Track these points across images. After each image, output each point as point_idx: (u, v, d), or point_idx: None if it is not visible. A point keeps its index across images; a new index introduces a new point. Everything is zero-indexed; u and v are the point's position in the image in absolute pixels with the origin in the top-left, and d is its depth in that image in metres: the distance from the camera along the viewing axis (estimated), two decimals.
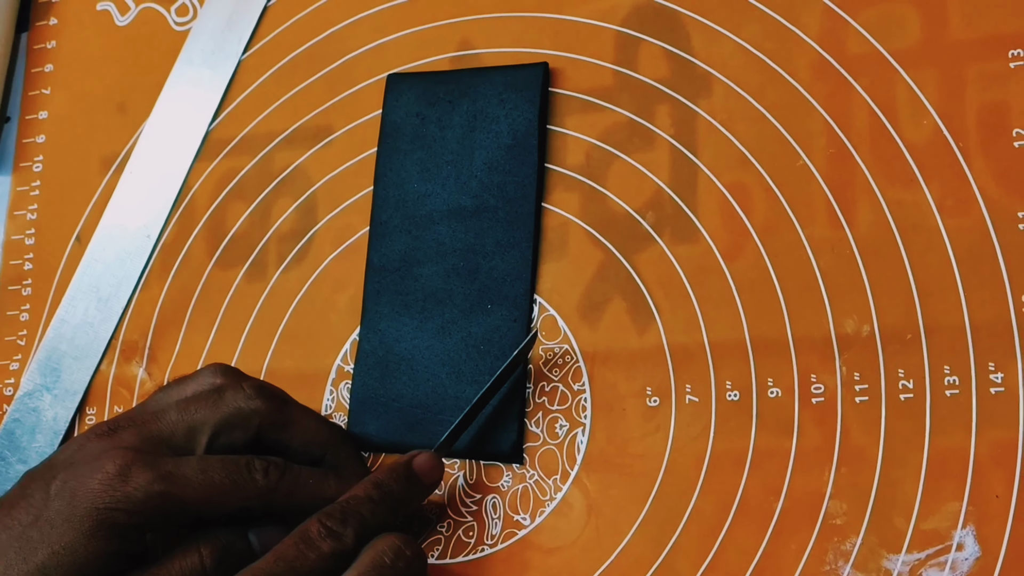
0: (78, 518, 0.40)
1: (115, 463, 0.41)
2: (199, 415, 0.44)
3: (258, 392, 0.45)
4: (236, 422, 0.44)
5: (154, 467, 0.41)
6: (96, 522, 0.39)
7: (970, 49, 0.44)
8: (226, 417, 0.44)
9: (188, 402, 0.44)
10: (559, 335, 0.47)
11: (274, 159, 0.54)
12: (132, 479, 0.40)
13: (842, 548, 0.41)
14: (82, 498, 0.40)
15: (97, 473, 0.40)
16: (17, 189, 0.58)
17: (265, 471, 0.43)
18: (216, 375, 0.46)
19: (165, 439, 0.43)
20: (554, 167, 0.49)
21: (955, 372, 0.41)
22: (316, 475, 0.44)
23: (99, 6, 0.60)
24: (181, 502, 0.41)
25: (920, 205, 0.43)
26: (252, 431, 0.44)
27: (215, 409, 0.44)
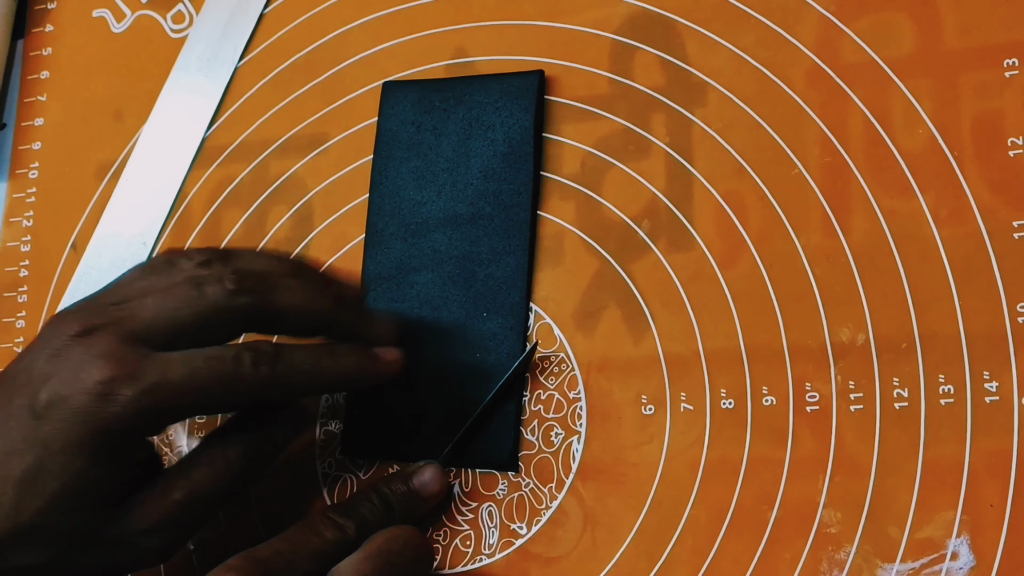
0: (76, 444, 0.39)
1: (97, 378, 0.39)
2: (179, 313, 0.41)
3: (241, 284, 0.42)
4: (217, 322, 0.42)
5: (138, 380, 0.39)
6: (94, 445, 0.39)
7: (965, 58, 0.44)
8: (207, 317, 0.41)
9: (166, 294, 0.41)
10: (555, 343, 0.47)
11: (270, 166, 0.54)
12: (118, 396, 0.39)
13: (836, 557, 0.41)
14: (72, 421, 0.39)
15: (81, 392, 0.39)
16: (13, 196, 0.58)
17: (255, 363, 0.41)
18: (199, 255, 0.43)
19: (144, 338, 0.41)
20: (550, 175, 0.49)
21: (950, 381, 0.41)
22: (310, 355, 0.43)
23: (95, 13, 0.60)
24: (171, 410, 0.40)
25: (915, 214, 0.43)
26: (236, 330, 0.42)
27: (195, 306, 0.41)
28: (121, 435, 0.39)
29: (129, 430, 0.39)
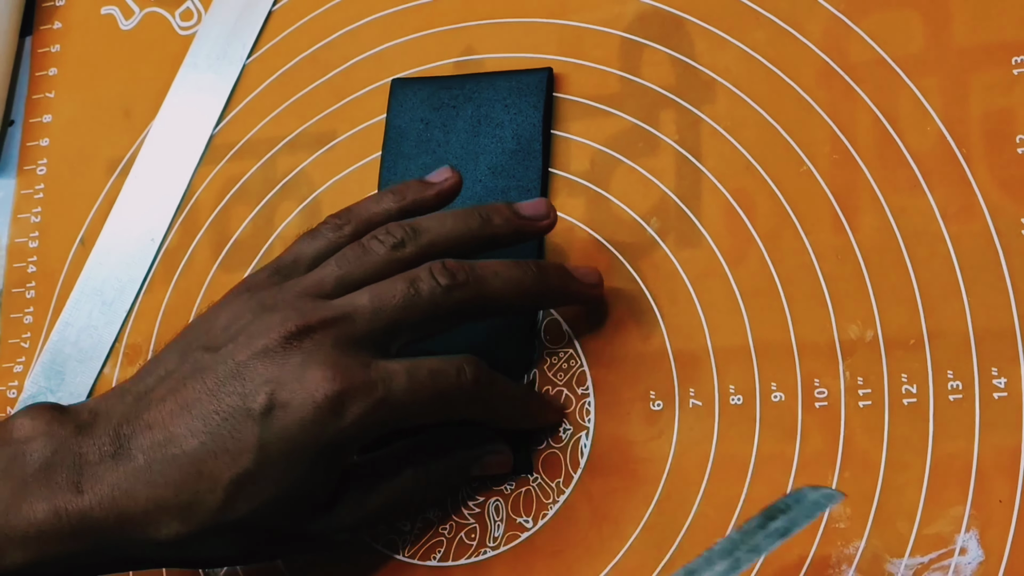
0: (299, 453, 0.39)
1: (327, 392, 0.39)
2: (399, 316, 0.41)
3: (453, 280, 0.41)
4: (435, 320, 0.42)
5: (366, 395, 0.39)
6: (319, 455, 0.39)
7: (974, 56, 0.44)
8: (426, 317, 0.41)
9: (382, 292, 0.41)
10: (563, 339, 0.47)
11: (278, 163, 0.54)
12: (348, 412, 0.39)
13: (845, 552, 0.41)
14: (298, 431, 0.39)
15: (309, 404, 0.39)
16: (21, 192, 0.58)
17: (476, 380, 0.42)
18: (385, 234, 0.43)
19: (363, 341, 0.40)
20: (558, 172, 0.49)
21: (958, 377, 0.41)
22: (521, 388, 0.45)
23: (103, 10, 0.60)
24: (394, 424, 0.41)
25: (924, 211, 0.43)
26: (451, 326, 0.42)
27: (411, 308, 0.41)
28: (345, 448, 0.40)
29: (353, 442, 0.40)
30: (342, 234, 0.44)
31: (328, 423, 0.39)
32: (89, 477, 0.39)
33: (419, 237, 0.43)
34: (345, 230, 0.44)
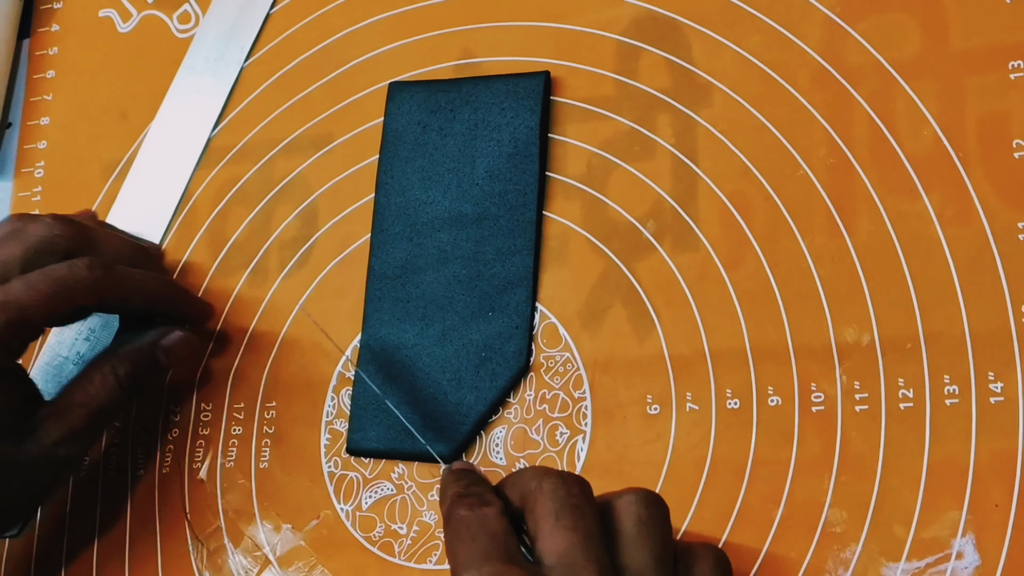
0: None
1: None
2: (6, 251, 0.45)
3: (58, 219, 0.47)
4: (44, 249, 0.46)
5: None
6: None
7: (970, 60, 0.44)
8: (33, 246, 0.45)
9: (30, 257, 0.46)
10: (560, 343, 0.47)
11: (275, 166, 0.54)
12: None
13: (842, 556, 0.41)
14: None
15: None
16: (18, 195, 0.58)
17: (89, 266, 0.45)
18: (10, 220, 0.47)
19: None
20: (555, 175, 0.49)
21: (955, 381, 0.41)
22: (141, 273, 0.47)
23: (101, 13, 0.60)
24: (24, 320, 0.43)
25: (920, 215, 0.43)
26: (60, 255, 0.46)
27: (20, 243, 0.46)
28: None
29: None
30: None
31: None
32: None
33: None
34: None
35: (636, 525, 0.37)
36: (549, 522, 0.36)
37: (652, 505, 0.38)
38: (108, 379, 0.46)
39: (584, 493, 0.38)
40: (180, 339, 0.49)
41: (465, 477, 0.41)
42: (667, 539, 0.38)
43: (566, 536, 0.36)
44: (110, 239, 0.49)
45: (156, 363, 0.48)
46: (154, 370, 0.48)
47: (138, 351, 0.48)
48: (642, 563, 0.37)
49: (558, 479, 0.38)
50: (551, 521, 0.36)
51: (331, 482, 0.48)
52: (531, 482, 0.38)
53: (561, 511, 0.37)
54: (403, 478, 0.47)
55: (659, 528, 0.38)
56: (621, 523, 0.37)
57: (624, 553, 0.37)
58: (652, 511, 0.38)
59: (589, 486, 0.38)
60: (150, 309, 0.48)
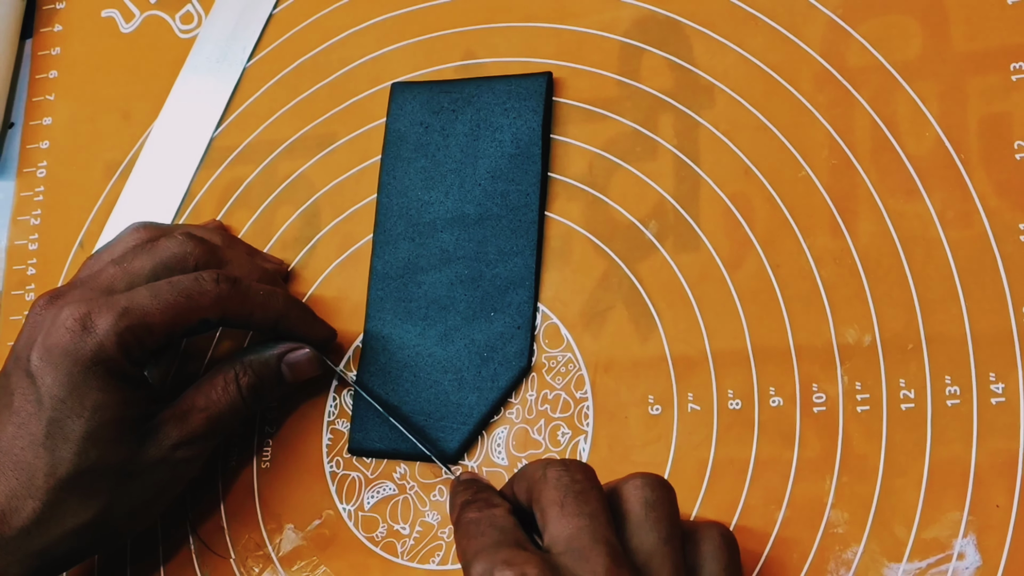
0: (78, 381, 0.42)
1: (72, 318, 0.43)
2: (136, 263, 0.46)
3: (190, 237, 0.47)
4: (173, 264, 0.46)
5: (110, 307, 0.43)
6: (94, 373, 0.42)
7: (972, 62, 0.44)
8: (163, 261, 0.46)
9: (123, 256, 0.46)
10: (562, 343, 0.47)
11: (278, 167, 0.54)
12: (98, 325, 0.42)
13: (843, 556, 0.41)
14: (64, 363, 0.42)
15: (62, 333, 0.42)
16: (21, 194, 0.58)
17: (215, 280, 0.45)
18: (141, 230, 0.48)
19: (107, 290, 0.45)
20: (557, 176, 0.49)
21: (956, 382, 0.41)
22: (265, 288, 0.47)
23: (103, 13, 0.60)
24: (146, 327, 0.43)
25: (922, 216, 0.43)
26: (190, 271, 0.46)
27: (151, 256, 0.46)
28: (112, 358, 0.42)
29: (116, 352, 0.42)
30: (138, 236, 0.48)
31: (84, 339, 0.42)
32: None
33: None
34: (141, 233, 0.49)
35: (644, 508, 0.38)
36: (555, 509, 0.37)
37: (659, 488, 0.38)
38: (231, 387, 0.46)
39: (588, 478, 0.38)
40: (307, 357, 0.48)
41: (472, 485, 0.41)
42: (675, 521, 0.38)
43: (572, 521, 0.36)
44: (239, 259, 0.48)
45: (280, 377, 0.47)
46: (278, 384, 0.47)
47: (264, 363, 0.47)
48: (651, 545, 0.37)
49: (561, 467, 0.38)
50: (557, 509, 0.37)
51: (333, 482, 0.48)
52: (535, 473, 0.39)
53: (566, 498, 0.37)
54: (405, 478, 0.47)
55: (666, 510, 0.38)
56: (629, 506, 0.38)
57: (633, 536, 0.37)
58: (659, 494, 0.38)
59: (593, 471, 0.39)
60: (273, 327, 0.47)
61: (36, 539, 0.42)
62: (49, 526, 0.42)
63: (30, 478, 0.42)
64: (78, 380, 0.42)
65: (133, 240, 0.47)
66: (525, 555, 0.35)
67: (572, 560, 0.35)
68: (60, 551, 0.43)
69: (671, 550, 0.37)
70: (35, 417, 0.42)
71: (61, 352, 0.42)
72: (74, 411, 0.42)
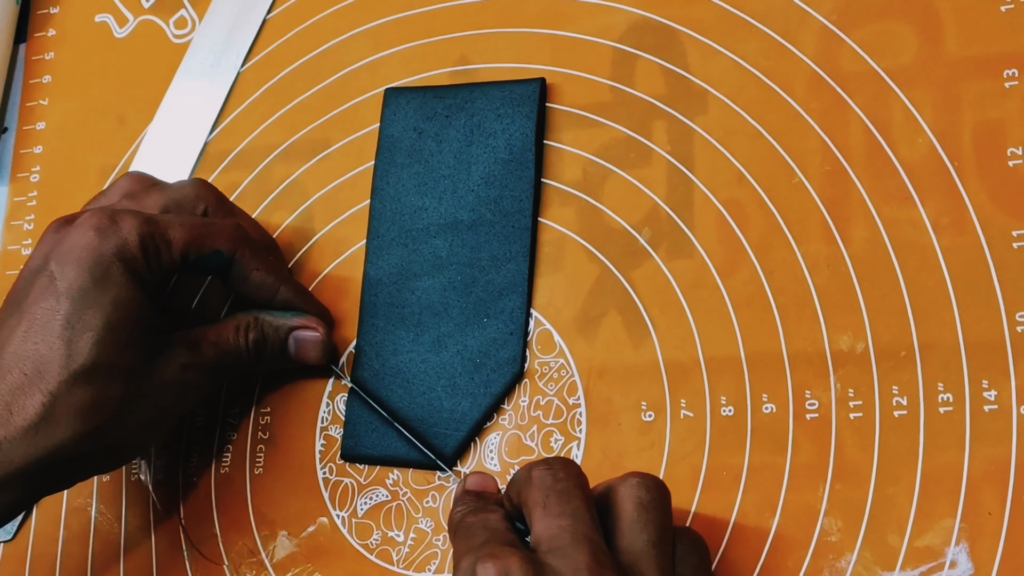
0: (100, 274, 0.43)
1: (96, 217, 0.43)
2: (150, 200, 0.47)
3: (204, 183, 0.48)
4: (185, 204, 0.47)
5: (134, 214, 0.44)
6: (117, 268, 0.43)
7: (965, 68, 0.44)
8: (176, 199, 0.47)
9: (135, 192, 0.47)
10: (555, 349, 0.47)
11: (272, 172, 0.54)
12: (123, 225, 0.43)
13: (837, 565, 0.41)
14: (87, 257, 0.43)
15: (85, 231, 0.43)
16: (14, 199, 0.58)
17: (234, 224, 0.46)
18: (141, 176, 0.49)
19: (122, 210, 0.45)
20: (551, 182, 0.49)
21: (949, 389, 0.41)
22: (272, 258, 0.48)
23: (97, 18, 0.60)
24: (167, 240, 0.44)
25: (915, 223, 0.43)
26: (200, 214, 0.47)
27: (165, 193, 0.47)
28: (133, 259, 0.43)
29: (137, 253, 0.43)
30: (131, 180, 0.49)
31: (108, 235, 0.43)
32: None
33: None
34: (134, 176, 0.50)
35: (636, 508, 0.38)
36: (539, 510, 0.37)
37: (654, 489, 0.38)
38: (240, 335, 0.47)
39: (571, 476, 0.38)
40: (315, 339, 0.48)
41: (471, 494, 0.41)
42: (667, 524, 0.38)
43: (555, 520, 0.36)
44: (246, 216, 0.50)
45: (284, 348, 0.48)
46: (281, 354, 0.48)
47: (275, 328, 0.48)
48: (640, 546, 0.37)
49: (544, 467, 0.38)
50: (540, 509, 0.37)
51: (326, 488, 0.48)
52: (522, 475, 0.39)
53: (548, 497, 0.37)
54: (398, 484, 0.47)
55: (659, 512, 0.38)
56: (622, 505, 0.38)
57: (623, 537, 0.37)
58: (654, 495, 0.38)
59: (577, 467, 0.39)
60: (272, 294, 0.48)
61: (39, 441, 0.41)
62: (54, 427, 0.41)
63: (40, 371, 0.41)
64: (100, 274, 0.42)
65: (131, 184, 0.48)
66: (509, 550, 0.36)
67: (555, 559, 0.35)
68: (60, 460, 0.42)
69: (660, 553, 0.37)
70: (53, 312, 0.42)
71: (84, 247, 0.43)
72: (96, 302, 0.42)
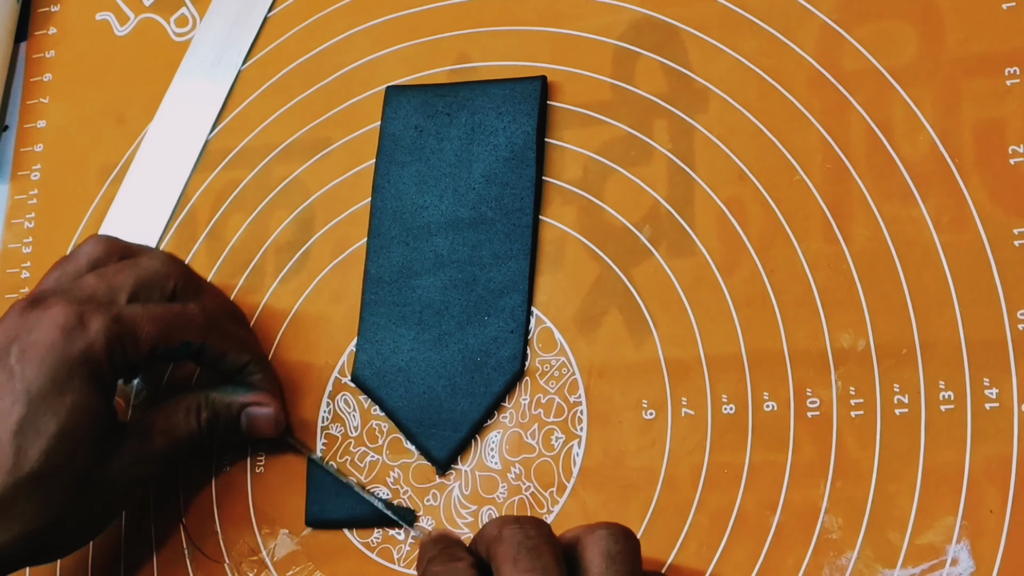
0: (62, 377, 0.42)
1: (67, 316, 0.42)
2: (119, 277, 0.45)
3: (171, 257, 0.48)
4: (154, 282, 0.46)
5: (104, 311, 0.43)
6: (78, 373, 0.42)
7: (966, 66, 0.44)
8: (145, 278, 0.46)
9: (105, 268, 0.46)
10: (555, 347, 0.47)
11: (272, 170, 0.54)
12: (90, 325, 0.42)
13: (838, 563, 0.41)
14: (50, 358, 0.42)
15: (50, 330, 0.42)
16: (15, 198, 0.58)
17: (201, 311, 0.46)
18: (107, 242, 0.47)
19: (91, 299, 0.44)
20: (552, 180, 0.49)
21: (950, 387, 0.41)
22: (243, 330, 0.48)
23: (98, 16, 0.60)
24: (135, 338, 0.43)
25: (916, 221, 0.43)
26: (168, 292, 0.46)
27: (133, 271, 0.46)
28: (97, 362, 0.42)
29: (103, 357, 0.43)
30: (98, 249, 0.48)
31: (75, 337, 0.42)
32: None
33: None
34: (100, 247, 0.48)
35: (605, 560, 0.37)
36: (508, 566, 0.37)
37: (622, 539, 0.38)
38: (191, 417, 0.46)
39: (541, 534, 0.38)
40: (268, 416, 0.48)
41: (441, 541, 0.41)
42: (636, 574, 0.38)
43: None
44: (213, 290, 0.49)
45: (236, 424, 0.48)
46: (234, 430, 0.48)
47: (226, 405, 0.47)
48: None
49: (515, 524, 0.38)
50: (510, 565, 0.37)
51: None
52: (492, 531, 0.39)
53: (519, 554, 0.37)
54: (399, 483, 0.47)
55: (628, 564, 0.38)
56: (589, 558, 0.38)
57: None
58: (622, 546, 0.38)
59: (547, 527, 0.39)
60: (239, 370, 0.47)
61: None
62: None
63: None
64: (62, 377, 0.42)
65: (99, 251, 0.47)
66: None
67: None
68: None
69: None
70: (7, 413, 0.41)
71: (48, 347, 0.42)
72: (52, 408, 0.42)
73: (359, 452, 0.48)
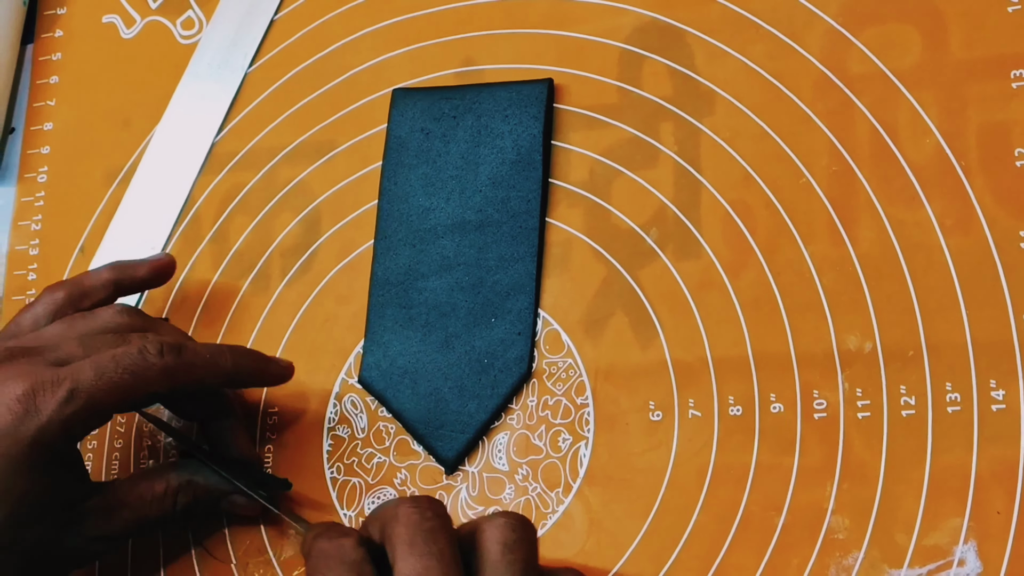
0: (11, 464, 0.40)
1: (14, 396, 0.40)
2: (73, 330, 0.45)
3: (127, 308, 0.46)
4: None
5: (58, 385, 0.41)
6: (29, 455, 0.40)
7: (972, 69, 0.44)
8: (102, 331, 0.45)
9: (92, 337, 0.44)
10: (562, 349, 0.47)
11: (278, 173, 0.54)
12: (43, 406, 0.40)
13: (844, 563, 0.41)
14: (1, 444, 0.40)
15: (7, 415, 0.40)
16: (21, 200, 0.58)
17: (160, 352, 0.43)
18: (123, 315, 0.46)
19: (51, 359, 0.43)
20: (558, 182, 0.49)
21: (957, 389, 0.41)
22: (211, 349, 0.45)
23: (105, 19, 0.60)
24: (92, 410, 0.41)
25: (922, 223, 0.43)
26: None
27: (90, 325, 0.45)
28: (55, 442, 0.41)
29: (60, 434, 0.41)
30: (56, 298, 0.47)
31: (26, 420, 0.40)
32: None
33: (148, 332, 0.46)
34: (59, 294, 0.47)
35: (501, 549, 0.37)
36: (404, 548, 0.37)
37: (519, 528, 0.38)
38: (167, 500, 0.45)
39: (438, 516, 0.38)
40: (247, 506, 0.47)
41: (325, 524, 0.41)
42: (532, 564, 0.38)
43: (420, 560, 0.36)
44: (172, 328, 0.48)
45: (217, 511, 0.47)
46: (213, 514, 0.47)
47: (208, 491, 0.46)
48: None
49: (412, 505, 0.38)
50: (406, 547, 0.37)
51: (334, 488, 0.48)
52: (388, 511, 0.38)
53: (415, 536, 0.37)
54: (405, 483, 0.47)
55: (524, 552, 0.38)
56: (487, 546, 0.37)
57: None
58: (519, 535, 0.38)
59: (444, 508, 0.39)
60: (228, 383, 0.47)
61: None
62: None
63: None
64: (11, 464, 0.40)
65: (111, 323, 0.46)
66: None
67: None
68: None
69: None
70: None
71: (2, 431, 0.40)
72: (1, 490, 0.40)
73: (366, 453, 0.48)
